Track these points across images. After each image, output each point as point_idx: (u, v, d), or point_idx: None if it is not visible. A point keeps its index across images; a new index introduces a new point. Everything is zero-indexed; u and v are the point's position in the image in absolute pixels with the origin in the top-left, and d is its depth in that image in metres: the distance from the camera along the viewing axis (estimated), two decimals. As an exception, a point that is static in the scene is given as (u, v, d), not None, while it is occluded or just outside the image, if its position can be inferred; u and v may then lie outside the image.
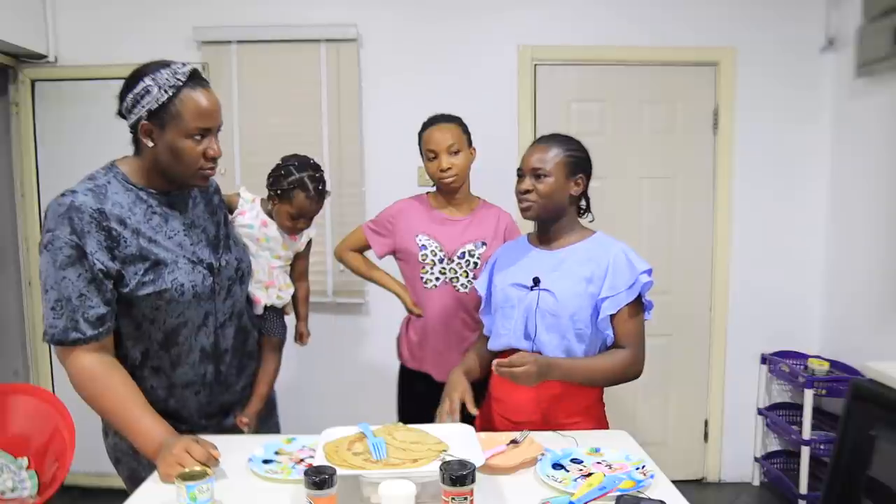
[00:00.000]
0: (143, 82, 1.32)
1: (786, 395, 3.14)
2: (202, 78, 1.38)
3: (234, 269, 1.52)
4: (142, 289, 1.34)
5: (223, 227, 1.55)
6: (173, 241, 1.40)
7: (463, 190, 2.05)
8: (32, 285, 3.08)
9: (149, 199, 1.39)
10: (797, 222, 3.07)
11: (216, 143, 1.38)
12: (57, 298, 1.29)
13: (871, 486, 1.55)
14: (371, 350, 3.07)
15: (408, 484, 1.06)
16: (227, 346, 1.54)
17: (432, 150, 1.98)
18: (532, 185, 1.57)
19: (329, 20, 2.93)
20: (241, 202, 1.69)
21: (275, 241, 1.69)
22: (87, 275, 1.29)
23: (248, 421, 1.61)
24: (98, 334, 1.31)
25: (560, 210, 1.60)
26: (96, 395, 1.33)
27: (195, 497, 1.10)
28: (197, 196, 1.51)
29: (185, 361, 1.46)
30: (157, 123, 1.33)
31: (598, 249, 1.59)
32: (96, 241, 1.29)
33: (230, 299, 1.52)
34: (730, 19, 2.98)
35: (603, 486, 1.18)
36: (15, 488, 2.25)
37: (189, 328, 1.44)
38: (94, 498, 3.01)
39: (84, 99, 3.00)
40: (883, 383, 1.62)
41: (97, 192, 1.34)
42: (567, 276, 1.56)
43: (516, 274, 1.63)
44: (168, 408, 1.46)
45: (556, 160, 1.56)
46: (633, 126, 3.05)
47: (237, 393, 1.62)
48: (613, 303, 1.52)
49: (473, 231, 2.02)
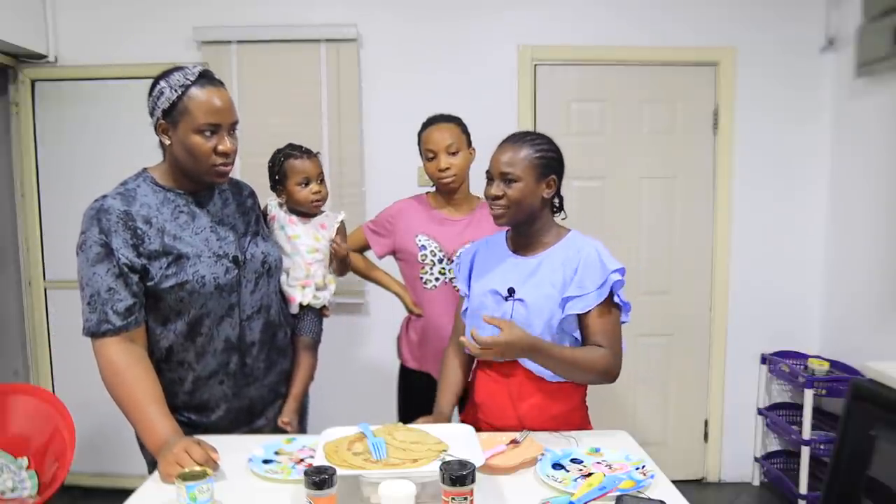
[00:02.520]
0: (159, 85, 1.42)
1: (786, 395, 3.14)
2: (213, 77, 1.46)
3: (261, 262, 1.57)
4: (165, 281, 1.42)
5: (253, 225, 1.63)
6: (199, 237, 1.48)
7: (462, 190, 2.05)
8: (32, 285, 3.08)
9: (177, 199, 1.48)
10: (797, 222, 3.07)
11: (228, 139, 1.44)
12: (91, 294, 1.39)
13: (871, 486, 1.55)
14: (371, 350, 3.07)
15: (408, 484, 1.06)
16: (253, 338, 1.58)
17: (431, 150, 1.98)
18: (502, 191, 1.51)
19: (329, 20, 2.93)
20: (269, 208, 1.78)
21: (305, 235, 1.75)
22: (114, 269, 1.38)
23: (288, 420, 1.64)
24: (126, 324, 1.39)
25: (533, 213, 1.55)
26: (115, 386, 1.39)
27: (195, 497, 1.10)
28: (229, 197, 1.59)
29: (209, 351, 1.52)
30: (171, 121, 1.42)
31: (570, 250, 1.54)
32: (122, 239, 1.39)
33: (257, 293, 1.57)
34: (730, 19, 2.98)
35: (603, 486, 1.18)
36: (15, 488, 2.26)
37: (212, 318, 1.50)
38: (94, 498, 3.01)
39: (84, 99, 3.00)
40: (883, 383, 1.62)
41: (126, 195, 1.44)
42: (540, 285, 1.52)
43: (493, 281, 1.59)
44: (193, 400, 1.54)
45: (525, 163, 1.50)
46: (633, 126, 3.05)
47: (265, 388, 1.64)
48: (582, 302, 1.48)
49: (473, 231, 2.02)
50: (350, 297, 3.00)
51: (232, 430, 1.59)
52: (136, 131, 2.95)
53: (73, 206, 2.99)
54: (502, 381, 1.56)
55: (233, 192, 1.61)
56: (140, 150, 2.93)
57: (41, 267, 3.08)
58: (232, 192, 1.61)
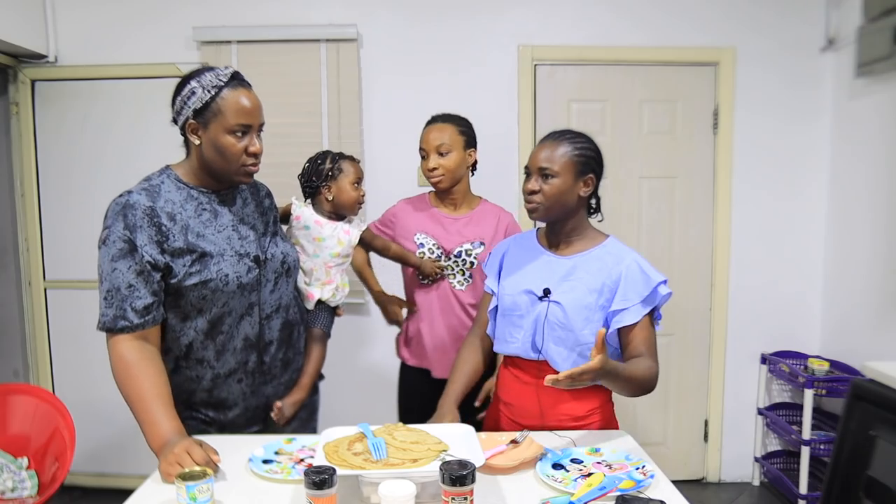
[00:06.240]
0: (190, 85, 1.43)
1: (786, 395, 3.14)
2: (243, 79, 1.47)
3: (280, 262, 1.59)
4: (189, 279, 1.43)
5: (272, 226, 1.65)
6: (222, 235, 1.49)
7: (460, 190, 2.04)
8: (32, 285, 3.08)
9: (200, 197, 1.49)
10: (797, 222, 3.07)
11: (257, 140, 1.47)
12: (108, 289, 1.39)
13: (871, 486, 1.55)
14: (371, 350, 3.08)
15: (408, 484, 1.06)
16: (272, 337, 1.59)
17: (423, 149, 1.99)
18: (539, 186, 1.51)
19: (329, 20, 2.93)
20: (295, 208, 1.79)
21: (331, 238, 1.76)
22: (136, 267, 1.38)
23: (280, 405, 1.61)
24: (143, 323, 1.40)
25: (568, 212, 1.54)
26: (124, 383, 1.39)
27: (195, 497, 1.10)
28: (248, 197, 1.61)
29: (228, 349, 1.53)
30: (202, 121, 1.43)
31: (609, 258, 1.52)
32: (147, 236, 1.39)
33: (276, 292, 1.59)
34: (730, 19, 2.98)
35: (603, 486, 1.18)
36: (15, 488, 2.26)
37: (233, 317, 1.51)
38: (94, 498, 3.01)
39: (84, 99, 3.00)
40: (883, 383, 1.62)
41: (151, 191, 1.44)
42: (577, 287, 1.51)
43: (526, 280, 1.57)
44: (212, 398, 1.56)
45: (564, 160, 1.50)
46: (633, 126, 3.05)
47: (281, 386, 1.66)
48: (631, 314, 1.47)
49: (472, 230, 2.02)
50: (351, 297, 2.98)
51: (248, 427, 1.60)
52: (136, 131, 3.00)
53: (73, 206, 3.05)
54: (531, 381, 1.56)
55: (251, 191, 1.63)
56: (140, 150, 2.97)
57: (41, 267, 3.08)
58: (250, 191, 1.63)
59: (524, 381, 1.58)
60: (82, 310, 3.04)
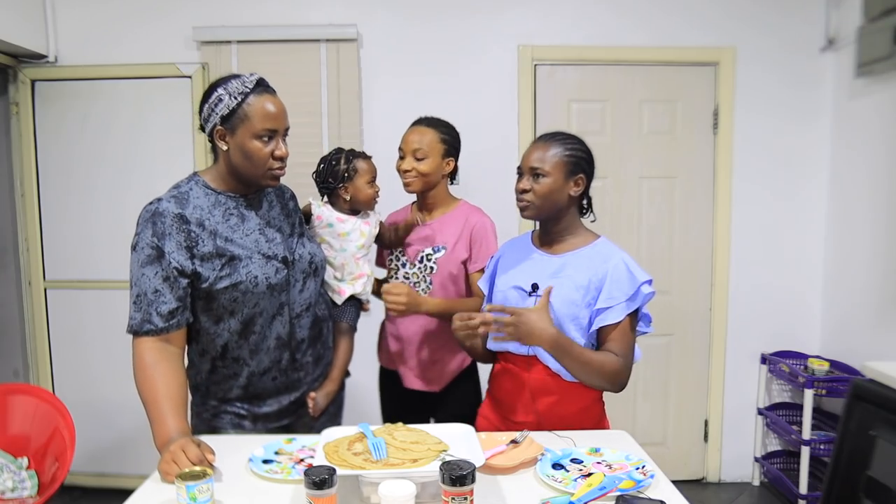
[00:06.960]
0: (217, 92, 1.47)
1: (786, 395, 3.14)
2: (268, 85, 1.52)
3: (308, 262, 1.63)
4: (220, 282, 1.47)
5: (298, 227, 1.69)
6: (250, 238, 1.54)
7: (436, 196, 1.99)
8: (32, 285, 3.08)
9: (227, 202, 1.53)
10: (797, 222, 3.07)
11: (283, 144, 1.51)
12: (137, 293, 1.44)
13: (871, 486, 1.55)
14: (370, 349, 3.06)
15: (408, 484, 1.06)
16: (303, 335, 1.64)
17: (401, 149, 1.96)
18: (530, 185, 1.56)
19: (329, 20, 2.93)
20: (314, 208, 1.81)
21: (354, 232, 1.80)
22: (163, 273, 1.43)
23: (314, 395, 1.67)
24: (168, 326, 1.44)
25: (559, 210, 1.58)
26: (140, 383, 1.42)
27: (195, 497, 1.10)
28: (273, 200, 1.65)
29: (262, 348, 1.58)
30: (229, 127, 1.47)
31: (598, 257, 1.56)
32: (176, 242, 1.43)
33: (305, 291, 1.63)
34: (730, 19, 2.98)
35: (603, 486, 1.18)
36: (15, 488, 2.26)
37: (264, 317, 1.56)
38: (94, 498, 3.01)
39: (84, 99, 3.00)
40: (883, 383, 1.62)
41: (180, 198, 1.49)
42: (565, 284, 1.54)
43: (517, 277, 1.62)
44: (247, 394, 1.61)
45: (554, 160, 1.54)
46: (633, 126, 3.05)
47: (310, 383, 1.70)
48: (614, 313, 1.49)
49: (437, 236, 1.98)
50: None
51: (279, 419, 1.65)
52: (136, 131, 3.00)
53: (73, 206, 3.05)
54: (523, 376, 1.58)
55: (276, 194, 1.67)
56: (140, 150, 2.97)
57: (41, 267, 3.07)
58: (276, 194, 1.66)
59: (515, 376, 1.60)
60: (82, 310, 3.05)
